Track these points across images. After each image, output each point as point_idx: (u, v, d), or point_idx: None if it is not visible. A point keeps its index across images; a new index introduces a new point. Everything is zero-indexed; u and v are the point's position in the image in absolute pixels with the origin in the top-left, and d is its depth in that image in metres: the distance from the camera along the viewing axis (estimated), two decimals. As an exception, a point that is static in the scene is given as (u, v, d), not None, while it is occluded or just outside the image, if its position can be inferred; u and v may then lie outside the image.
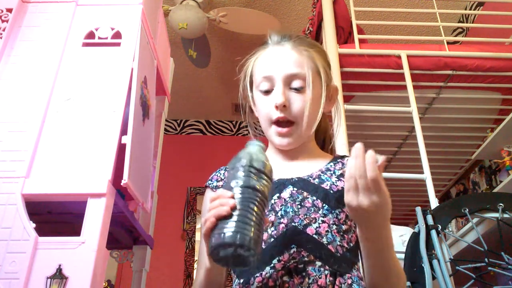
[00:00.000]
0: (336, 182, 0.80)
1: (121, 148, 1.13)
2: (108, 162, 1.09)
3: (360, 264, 0.77)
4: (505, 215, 1.56)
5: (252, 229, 0.58)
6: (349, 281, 0.71)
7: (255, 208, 0.60)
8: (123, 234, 1.47)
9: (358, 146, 0.64)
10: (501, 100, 2.44)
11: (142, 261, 1.60)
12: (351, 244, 0.76)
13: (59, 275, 0.94)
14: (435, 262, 1.44)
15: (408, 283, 1.43)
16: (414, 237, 1.56)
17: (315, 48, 0.90)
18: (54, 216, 1.18)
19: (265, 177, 0.64)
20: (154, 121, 1.49)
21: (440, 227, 1.55)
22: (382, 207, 0.64)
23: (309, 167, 0.84)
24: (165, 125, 3.18)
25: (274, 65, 0.85)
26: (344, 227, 0.76)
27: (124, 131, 1.16)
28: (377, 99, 2.33)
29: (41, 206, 1.10)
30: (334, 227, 0.75)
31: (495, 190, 2.36)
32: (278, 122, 0.83)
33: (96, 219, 1.01)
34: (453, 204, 1.68)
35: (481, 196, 2.10)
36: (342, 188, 0.77)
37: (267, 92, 0.85)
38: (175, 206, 3.77)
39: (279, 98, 0.82)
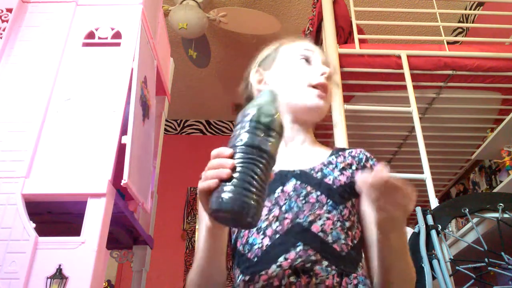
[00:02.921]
0: (338, 177, 0.81)
1: (121, 148, 1.13)
2: (108, 162, 1.09)
3: (363, 261, 0.78)
4: (505, 215, 1.56)
5: (252, 196, 0.55)
6: (355, 281, 0.71)
7: (258, 171, 0.56)
8: (123, 234, 1.47)
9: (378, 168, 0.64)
10: (501, 100, 2.44)
11: (142, 261, 1.60)
12: (355, 241, 0.76)
13: (59, 275, 0.94)
14: (435, 262, 1.44)
15: (408, 283, 1.43)
16: (414, 237, 1.55)
17: None
18: (54, 216, 1.18)
19: (273, 134, 0.59)
20: (154, 121, 1.49)
21: (440, 227, 1.55)
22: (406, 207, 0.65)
23: (311, 157, 0.85)
24: (165, 125, 3.18)
25: (312, 46, 0.94)
26: (347, 223, 0.76)
27: (124, 131, 1.16)
28: (377, 99, 2.33)
29: (41, 206, 1.10)
30: (338, 224, 0.75)
31: (495, 190, 2.36)
32: (318, 87, 0.88)
33: (96, 219, 1.01)
34: (453, 204, 1.68)
35: (481, 196, 2.10)
36: (345, 183, 0.79)
37: (307, 61, 0.91)
38: (175, 206, 3.77)
39: (326, 68, 0.89)
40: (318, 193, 0.77)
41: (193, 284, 0.77)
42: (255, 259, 0.74)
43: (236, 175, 0.56)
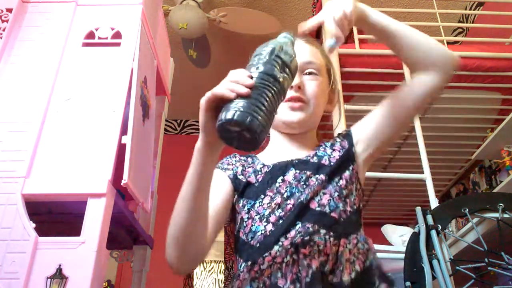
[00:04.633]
0: (332, 154, 0.84)
1: (121, 148, 1.13)
2: (108, 162, 1.09)
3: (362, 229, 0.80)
4: (505, 215, 1.55)
5: (264, 116, 0.58)
6: (354, 241, 0.73)
7: (270, 96, 0.59)
8: (123, 234, 1.47)
9: None
10: (501, 100, 2.44)
11: (142, 261, 1.60)
12: (355, 207, 0.78)
13: (59, 275, 0.94)
14: (435, 262, 1.44)
15: (408, 283, 1.43)
16: (414, 237, 1.55)
17: (326, 52, 0.97)
18: (54, 216, 1.18)
19: (288, 71, 0.63)
20: (154, 121, 1.49)
21: (440, 227, 1.55)
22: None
23: (305, 150, 0.88)
24: (165, 125, 3.18)
25: None
26: (345, 191, 0.78)
27: (124, 131, 1.16)
28: (377, 99, 2.30)
29: (41, 206, 1.10)
30: (336, 194, 0.77)
31: (495, 190, 2.36)
32: (290, 101, 0.86)
33: (96, 219, 1.01)
34: (453, 204, 1.68)
35: (481, 196, 2.10)
36: (340, 157, 0.82)
37: None
38: (175, 206, 3.76)
39: (294, 80, 0.85)
40: (317, 175, 0.79)
41: (173, 228, 0.71)
42: (257, 244, 0.75)
43: (252, 94, 0.58)
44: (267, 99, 0.59)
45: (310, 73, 0.88)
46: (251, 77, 0.60)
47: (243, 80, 0.59)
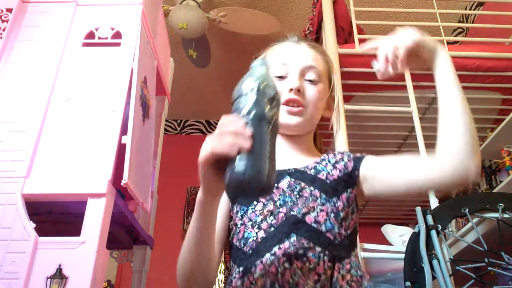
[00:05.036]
0: (331, 171, 0.82)
1: (121, 148, 1.13)
2: (108, 162, 1.09)
3: (357, 250, 0.79)
4: (505, 215, 1.55)
5: (269, 164, 0.57)
6: (348, 266, 0.73)
7: (269, 140, 0.58)
8: (123, 234, 1.47)
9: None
10: (501, 100, 2.44)
11: (142, 261, 1.60)
12: (349, 231, 0.78)
13: (59, 275, 0.94)
14: (435, 262, 1.44)
15: (408, 283, 1.43)
16: (414, 237, 1.55)
17: (329, 58, 0.99)
18: (54, 216, 1.18)
19: (275, 104, 0.61)
20: (154, 121, 1.49)
21: (440, 227, 1.55)
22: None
23: (305, 159, 0.87)
24: (165, 125, 3.18)
25: (292, 55, 0.92)
26: (342, 214, 0.77)
27: (124, 131, 1.16)
28: (377, 99, 2.33)
29: (41, 206, 1.10)
30: (332, 215, 0.77)
31: (495, 190, 2.36)
32: (289, 103, 0.87)
33: (96, 219, 1.01)
34: (453, 204, 1.68)
35: (481, 196, 2.10)
36: (338, 177, 0.81)
37: (281, 78, 0.89)
38: (175, 206, 3.76)
39: (294, 82, 0.87)
40: (312, 188, 0.79)
41: (181, 270, 0.74)
42: (250, 251, 0.75)
43: (253, 146, 0.57)
44: (268, 144, 0.58)
45: (310, 78, 0.89)
46: (246, 124, 0.58)
47: (242, 132, 0.57)
